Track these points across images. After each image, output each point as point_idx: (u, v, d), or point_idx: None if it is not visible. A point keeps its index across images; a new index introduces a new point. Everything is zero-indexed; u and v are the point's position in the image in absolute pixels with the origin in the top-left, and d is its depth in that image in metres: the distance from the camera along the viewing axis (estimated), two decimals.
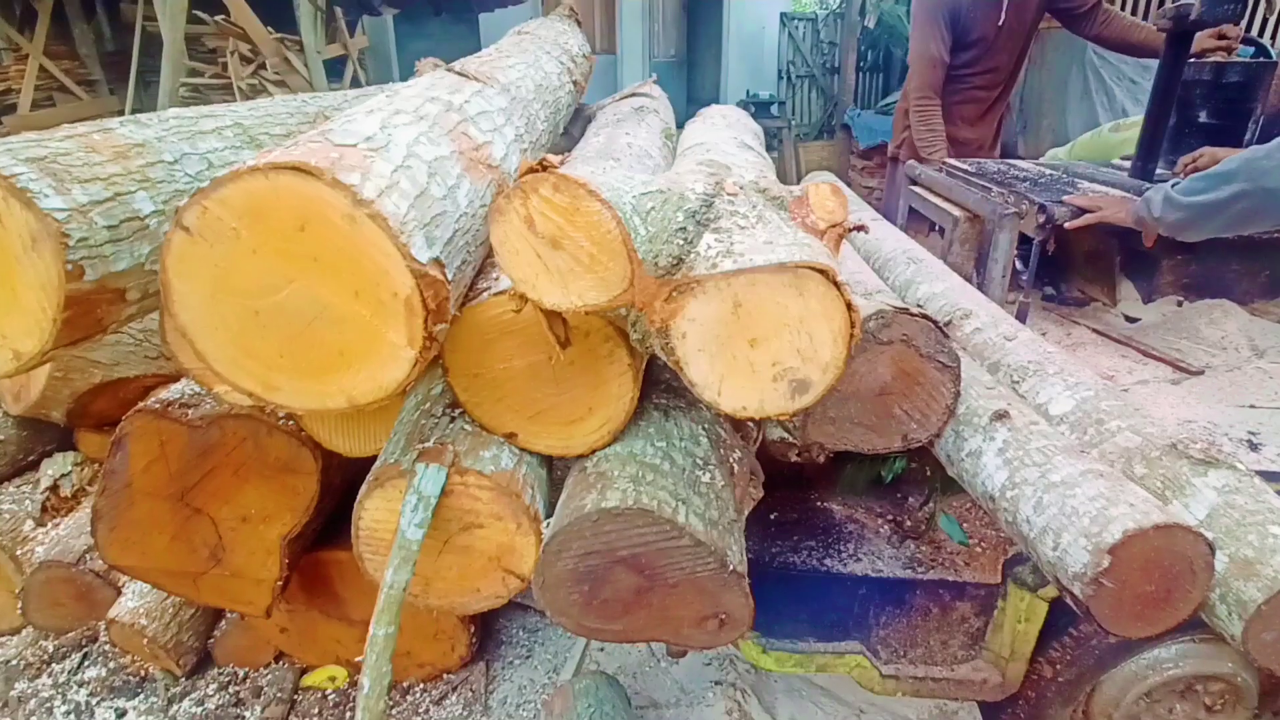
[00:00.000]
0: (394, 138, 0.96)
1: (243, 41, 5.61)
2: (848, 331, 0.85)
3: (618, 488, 1.07)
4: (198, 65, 5.80)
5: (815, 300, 0.84)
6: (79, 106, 6.15)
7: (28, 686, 1.99)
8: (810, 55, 9.56)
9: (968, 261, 2.29)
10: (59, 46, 6.42)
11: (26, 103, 5.84)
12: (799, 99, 9.74)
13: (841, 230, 0.90)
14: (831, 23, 9.27)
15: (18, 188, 0.93)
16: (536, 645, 2.30)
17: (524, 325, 1.09)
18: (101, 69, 6.72)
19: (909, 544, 1.75)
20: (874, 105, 8.39)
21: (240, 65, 5.70)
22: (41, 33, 6.09)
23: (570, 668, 2.20)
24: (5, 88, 5.90)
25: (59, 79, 6.15)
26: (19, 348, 1.00)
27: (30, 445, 2.24)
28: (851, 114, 7.64)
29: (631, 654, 2.26)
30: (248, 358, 0.87)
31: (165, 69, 5.19)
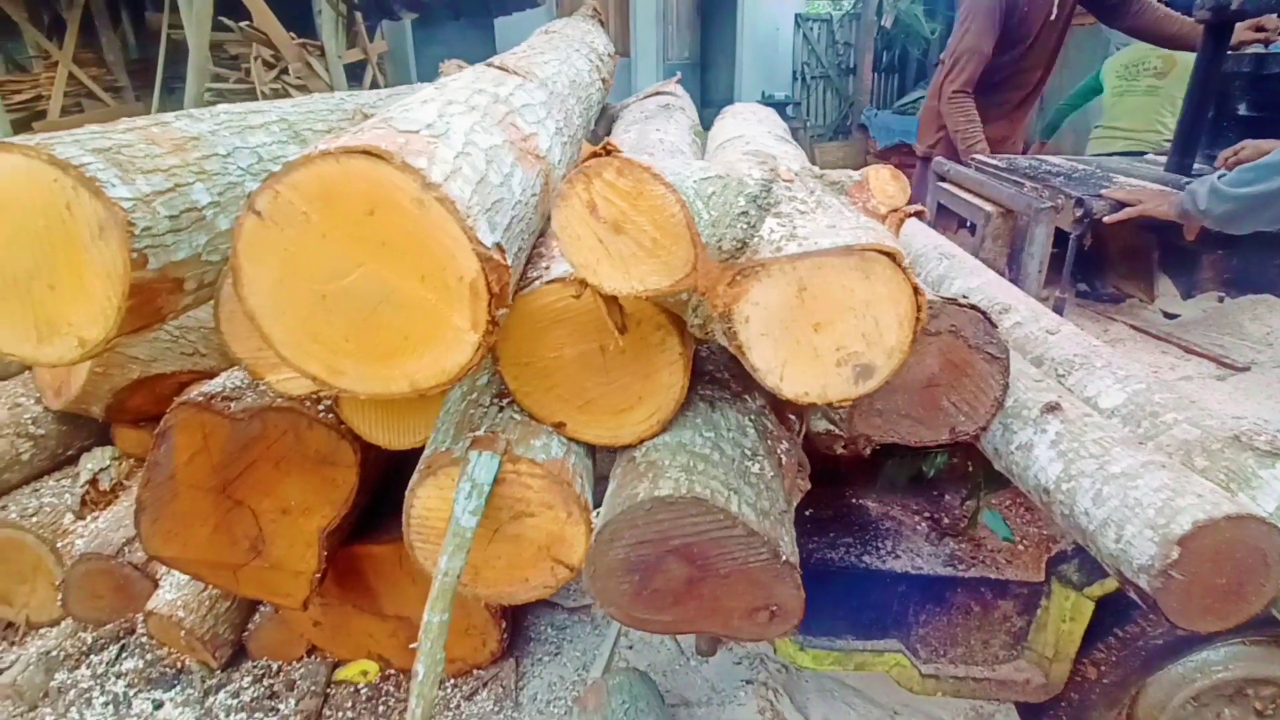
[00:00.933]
0: (452, 125, 0.97)
1: (265, 47, 5.67)
2: (914, 316, 0.85)
3: (670, 477, 1.07)
4: (221, 71, 5.87)
5: (882, 284, 0.84)
6: (106, 113, 6.24)
7: (68, 677, 2.01)
8: (825, 56, 9.55)
9: (1000, 257, 2.28)
10: (86, 54, 6.52)
11: (56, 109, 5.93)
12: (814, 100, 9.73)
13: (902, 215, 0.90)
14: (847, 23, 9.27)
15: (87, 177, 0.95)
16: (565, 642, 2.30)
17: (575, 314, 1.10)
18: (127, 76, 6.82)
19: (948, 541, 1.73)
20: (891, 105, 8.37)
21: (263, 70, 5.77)
22: (70, 41, 6.19)
23: (599, 665, 2.20)
24: (35, 94, 6.00)
25: (87, 86, 6.24)
26: (84, 335, 1.01)
27: (70, 440, 2.27)
28: (868, 114, 7.62)
29: (661, 651, 2.25)
30: (314, 342, 0.88)
31: (191, 75, 5.26)
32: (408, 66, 7.51)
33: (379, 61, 6.56)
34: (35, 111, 6.02)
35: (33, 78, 6.20)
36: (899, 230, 0.90)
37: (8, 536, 2.06)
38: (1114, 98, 3.45)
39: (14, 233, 0.98)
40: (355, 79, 6.27)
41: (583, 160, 0.86)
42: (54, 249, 0.98)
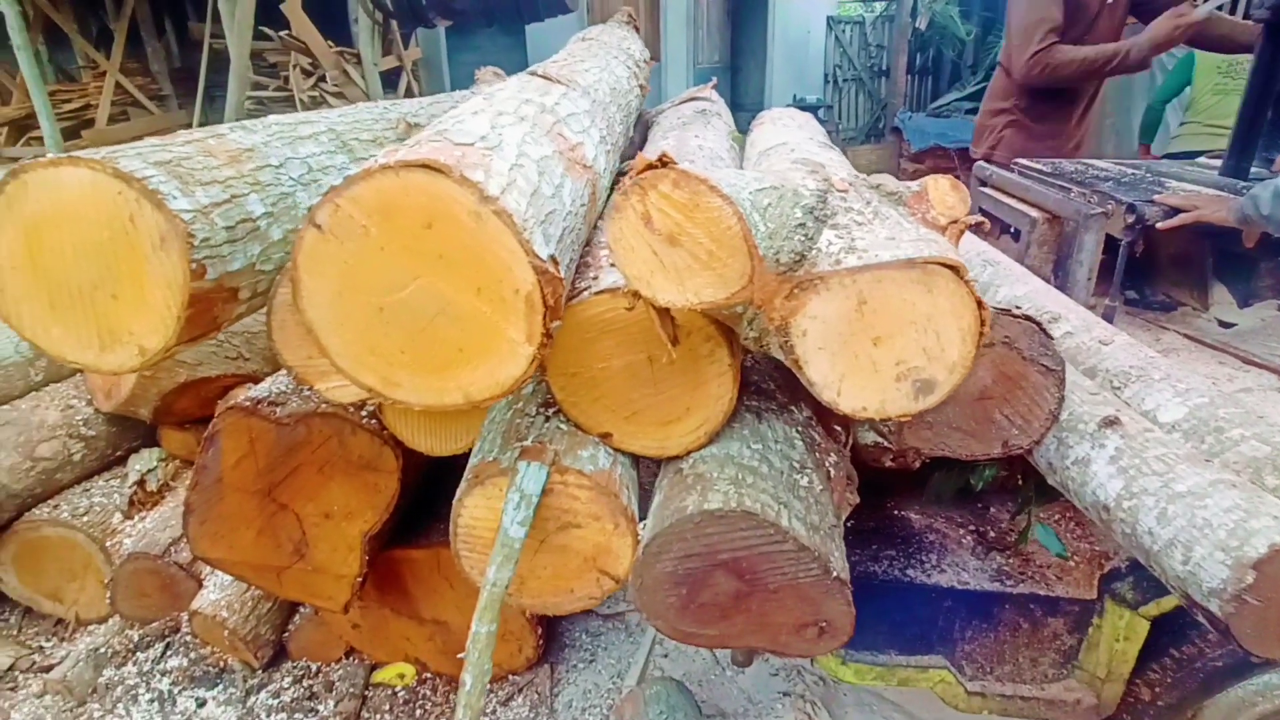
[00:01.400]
0: (505, 137, 0.97)
1: (304, 55, 5.78)
2: (977, 330, 0.83)
3: (719, 490, 1.06)
4: (261, 79, 6.00)
5: (944, 297, 0.82)
6: (151, 120, 6.41)
7: (115, 674, 2.05)
8: (857, 58, 9.46)
9: (1046, 264, 2.23)
10: (132, 64, 6.72)
11: (103, 117, 6.11)
12: (845, 102, 9.65)
13: (962, 226, 0.88)
14: (880, 25, 9.17)
15: (149, 189, 0.96)
16: (600, 650, 2.29)
17: (624, 325, 1.09)
18: (171, 84, 7.00)
19: (994, 555, 1.69)
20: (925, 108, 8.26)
21: (301, 78, 5.88)
22: (118, 51, 6.38)
23: (634, 673, 2.19)
24: (84, 103, 6.18)
25: (133, 94, 6.42)
26: (144, 344, 1.03)
27: (119, 441, 2.33)
28: (902, 117, 7.53)
29: (696, 661, 2.24)
30: (370, 354, 0.88)
31: (232, 83, 5.37)
32: (441, 73, 7.60)
33: (413, 68, 6.65)
34: (84, 120, 6.20)
35: (81, 87, 6.39)
36: (959, 242, 0.88)
37: (60, 535, 2.11)
38: (1214, 95, 3.37)
39: (80, 244, 1.00)
40: (390, 86, 6.37)
41: (637, 171, 0.85)
42: (117, 260, 1.00)
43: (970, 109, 7.67)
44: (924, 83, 9.07)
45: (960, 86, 7.97)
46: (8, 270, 1.01)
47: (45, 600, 2.19)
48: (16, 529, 2.10)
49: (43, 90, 5.33)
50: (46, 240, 1.00)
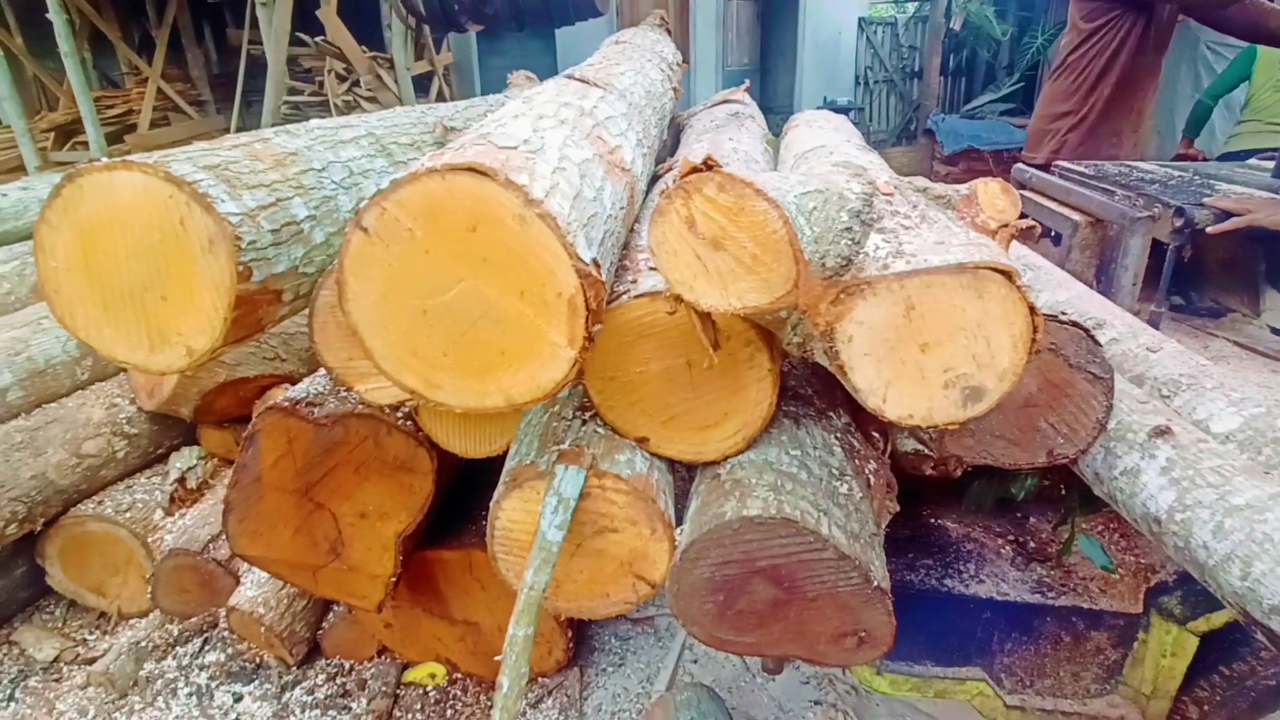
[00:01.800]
0: (546, 140, 0.97)
1: (339, 61, 5.88)
2: (1029, 337, 0.81)
3: (758, 496, 1.05)
4: (296, 85, 6.11)
5: (995, 303, 0.80)
6: (191, 125, 6.57)
7: (155, 667, 2.09)
8: (889, 60, 9.36)
9: (1088, 269, 2.18)
10: (173, 70, 6.90)
11: (145, 122, 6.27)
12: (876, 104, 9.55)
13: (1013, 231, 0.86)
14: (912, 26, 9.06)
15: (199, 193, 0.98)
16: (629, 654, 2.28)
17: (662, 329, 1.08)
18: (210, 90, 7.17)
19: (1035, 566, 1.66)
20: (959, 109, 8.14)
21: (336, 83, 5.98)
22: (159, 58, 6.54)
23: (664, 678, 2.18)
24: (127, 109, 6.35)
25: (173, 100, 6.58)
26: (192, 345, 1.05)
27: (160, 439, 2.38)
28: (935, 118, 7.43)
29: (726, 667, 2.22)
30: (413, 356, 0.89)
31: (269, 88, 5.48)
32: (472, 77, 7.68)
33: (445, 73, 6.73)
34: (127, 125, 6.37)
35: (124, 93, 6.57)
36: (1009, 246, 0.86)
37: (104, 531, 2.16)
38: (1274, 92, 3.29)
39: (132, 247, 1.02)
40: (422, 90, 6.45)
41: (681, 174, 0.85)
42: (167, 262, 1.02)
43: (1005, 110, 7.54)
44: (957, 84, 8.94)
45: (995, 88, 7.84)
46: (63, 272, 1.04)
47: (89, 594, 2.24)
48: (63, 524, 2.15)
49: (88, 96, 5.49)
50: (100, 243, 1.03)
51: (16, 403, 2.20)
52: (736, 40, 9.42)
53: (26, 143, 5.43)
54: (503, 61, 7.67)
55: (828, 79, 9.26)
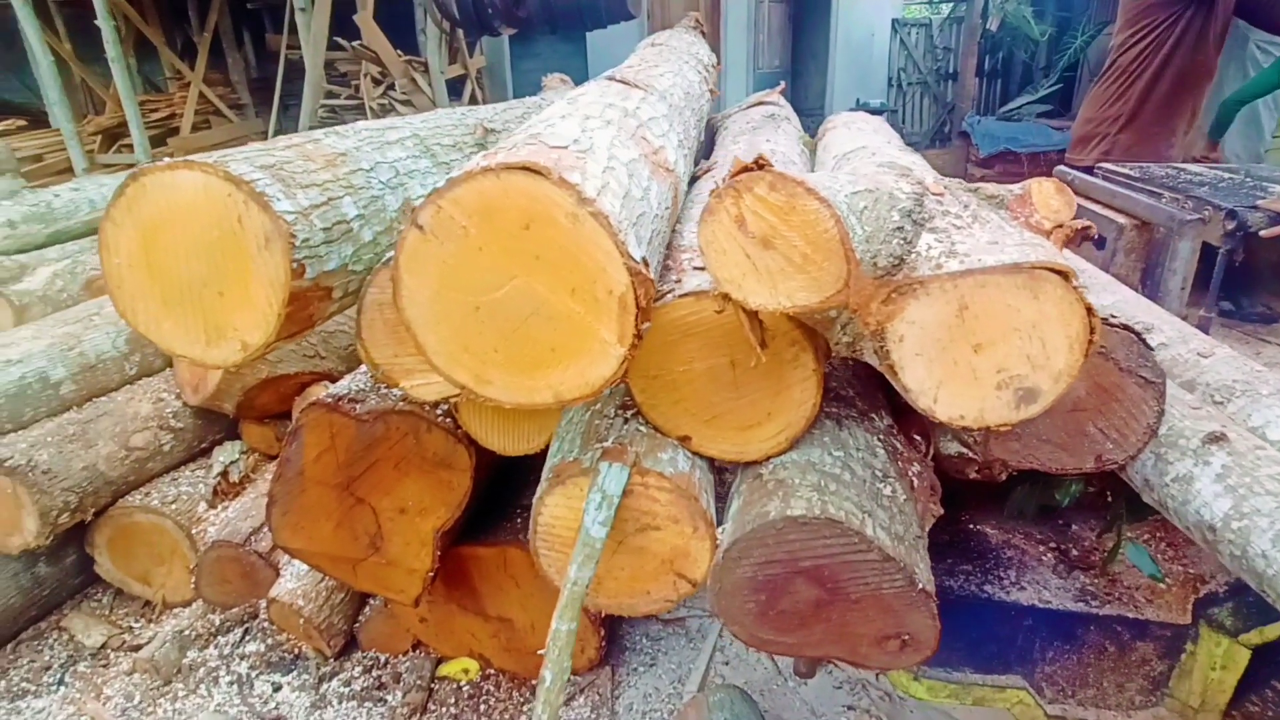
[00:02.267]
0: (595, 141, 0.98)
1: (374, 64, 5.97)
2: (1085, 338, 0.80)
3: (802, 496, 1.04)
4: (333, 88, 6.23)
5: (1051, 304, 0.79)
6: (230, 128, 6.72)
7: (198, 655, 2.14)
8: (923, 61, 9.26)
9: (1133, 273, 2.13)
10: (214, 74, 7.07)
11: (187, 126, 6.43)
12: (909, 106, 9.45)
13: (1068, 231, 0.85)
14: (947, 28, 8.95)
15: (257, 191, 1.01)
16: (660, 654, 2.29)
17: (706, 328, 1.09)
18: (249, 94, 7.33)
19: (1078, 574, 1.63)
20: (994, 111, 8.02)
21: (371, 87, 6.08)
22: (201, 63, 6.71)
23: (695, 679, 2.17)
24: (170, 112, 6.52)
25: (214, 103, 6.74)
26: (247, 339, 1.08)
27: (204, 433, 2.44)
28: (970, 120, 7.33)
29: (757, 670, 2.21)
30: (465, 352, 0.90)
31: (307, 92, 5.59)
32: (505, 80, 7.76)
33: (478, 76, 6.80)
34: (169, 129, 6.54)
35: (167, 97, 6.75)
36: (1064, 247, 0.85)
37: (150, 521, 2.22)
38: None
39: (191, 244, 1.05)
40: (455, 93, 6.52)
41: (733, 174, 0.85)
42: (225, 259, 1.05)
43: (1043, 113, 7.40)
44: (993, 86, 8.80)
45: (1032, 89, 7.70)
46: (126, 268, 1.07)
47: (135, 583, 2.31)
48: (111, 514, 2.22)
49: (134, 100, 5.65)
50: (162, 240, 1.06)
51: (69, 396, 2.27)
52: (767, 42, 9.38)
53: (75, 145, 5.61)
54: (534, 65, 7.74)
55: (860, 81, 9.18)
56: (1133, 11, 2.90)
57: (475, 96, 6.71)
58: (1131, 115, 2.93)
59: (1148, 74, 2.88)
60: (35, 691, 2.08)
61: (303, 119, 5.66)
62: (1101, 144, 3.06)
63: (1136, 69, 2.89)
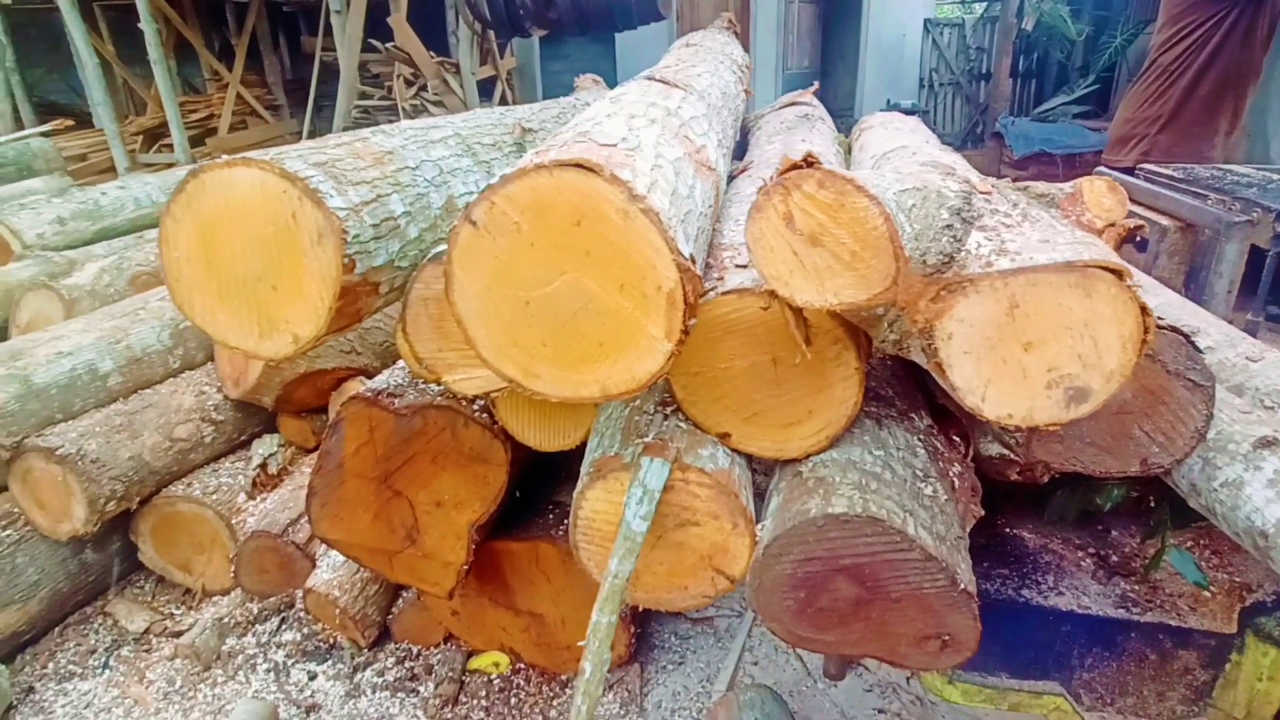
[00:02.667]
0: (642, 139, 0.99)
1: (407, 66, 6.05)
2: (1139, 337, 0.79)
3: (843, 494, 1.05)
4: (366, 89, 6.32)
5: (1104, 303, 0.78)
6: (266, 129, 6.85)
7: (236, 643, 2.19)
8: (955, 62, 9.15)
9: (1177, 276, 2.09)
10: (251, 76, 7.21)
11: (225, 126, 6.57)
12: (941, 107, 9.35)
13: (1120, 230, 0.84)
14: (980, 28, 8.84)
15: (311, 188, 1.04)
16: (689, 653, 2.29)
17: (748, 325, 1.09)
18: (284, 95, 7.47)
19: (1118, 581, 1.60)
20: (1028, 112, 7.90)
21: (404, 88, 6.16)
22: (239, 65, 6.85)
23: (724, 679, 2.17)
24: (208, 113, 6.66)
25: (251, 104, 6.88)
26: (298, 332, 1.10)
27: (244, 426, 2.49)
28: (1004, 121, 7.23)
29: (786, 671, 2.21)
30: (514, 346, 0.92)
31: (341, 93, 5.69)
32: (535, 81, 7.82)
33: (508, 77, 6.86)
34: (208, 129, 6.69)
35: (206, 98, 6.90)
36: (1117, 246, 0.84)
37: (192, 511, 2.27)
38: None
39: (247, 239, 1.08)
40: (485, 94, 6.59)
41: (782, 172, 0.86)
42: (279, 253, 1.08)
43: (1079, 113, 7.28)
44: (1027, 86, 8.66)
45: (1068, 90, 7.56)
46: (184, 262, 1.11)
47: (176, 570, 2.36)
48: (155, 503, 2.28)
49: (174, 101, 5.79)
50: (219, 234, 1.09)
51: (116, 388, 2.34)
52: (797, 43, 9.34)
53: (117, 145, 5.76)
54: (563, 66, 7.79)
55: (891, 81, 9.10)
56: (1176, 9, 2.84)
57: (505, 97, 6.77)
58: (1172, 115, 2.88)
59: (1190, 73, 2.83)
60: (81, 674, 2.15)
61: (337, 120, 5.75)
62: (1140, 144, 3.00)
63: (1178, 68, 2.84)
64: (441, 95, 5.96)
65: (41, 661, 2.17)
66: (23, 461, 2.10)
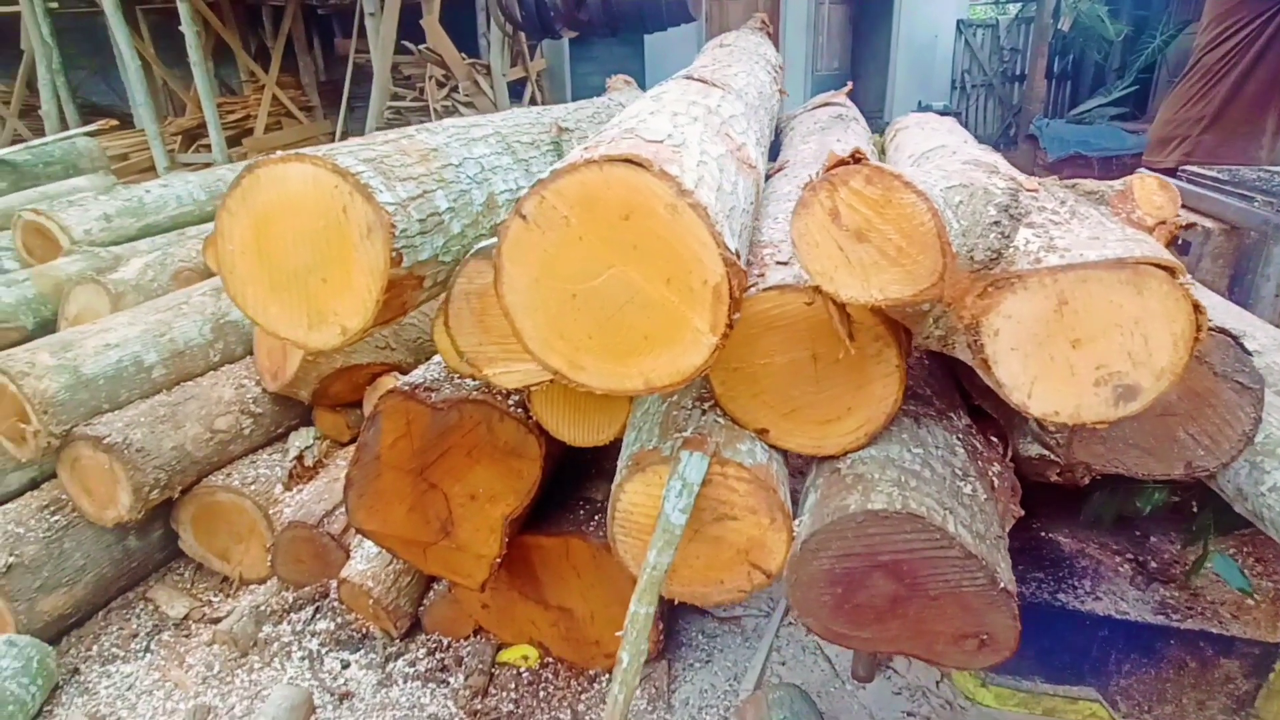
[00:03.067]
0: (687, 136, 1.01)
1: (439, 67, 6.13)
2: (1191, 335, 0.78)
3: (882, 491, 1.05)
4: (398, 90, 6.42)
5: (1156, 300, 0.78)
6: (300, 129, 6.98)
7: (272, 630, 2.24)
8: (988, 63, 9.04)
9: (1220, 279, 2.06)
10: (286, 77, 7.36)
11: (261, 127, 6.70)
12: (973, 109, 9.23)
13: (1172, 228, 0.84)
14: (1015, 29, 8.72)
15: (361, 183, 1.06)
16: (716, 651, 2.29)
17: (789, 321, 1.10)
18: (318, 96, 7.61)
19: (1157, 587, 1.58)
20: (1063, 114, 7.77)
21: (435, 89, 6.24)
22: (275, 67, 6.99)
23: (751, 678, 2.18)
24: (245, 114, 6.80)
25: (286, 105, 7.01)
26: (346, 324, 1.13)
27: (281, 419, 2.54)
28: (1039, 123, 7.12)
29: (814, 671, 2.20)
30: (560, 338, 0.93)
31: (374, 94, 5.78)
32: (564, 83, 7.87)
33: (538, 79, 6.92)
34: (244, 129, 6.83)
35: (242, 100, 7.05)
36: (1168, 244, 0.84)
37: (231, 501, 2.33)
38: None
39: (299, 232, 1.11)
40: (515, 95, 6.65)
41: (828, 168, 0.86)
42: (329, 247, 1.11)
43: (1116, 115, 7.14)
44: (1062, 88, 8.52)
45: (1105, 91, 7.42)
46: (238, 254, 1.14)
47: (215, 558, 2.42)
48: (196, 492, 2.33)
49: (213, 103, 5.92)
50: (272, 228, 1.12)
51: (160, 379, 2.40)
52: (827, 44, 9.29)
53: (158, 145, 5.90)
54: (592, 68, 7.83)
55: (921, 83, 9.01)
56: (1222, 8, 2.79)
57: (535, 98, 6.82)
58: (1216, 115, 2.82)
59: (1235, 73, 2.77)
60: (124, 657, 2.21)
61: (370, 120, 5.84)
62: (1183, 145, 2.95)
63: (1222, 68, 2.78)
64: (472, 96, 6.03)
65: (86, 644, 2.24)
66: (71, 449, 2.16)
